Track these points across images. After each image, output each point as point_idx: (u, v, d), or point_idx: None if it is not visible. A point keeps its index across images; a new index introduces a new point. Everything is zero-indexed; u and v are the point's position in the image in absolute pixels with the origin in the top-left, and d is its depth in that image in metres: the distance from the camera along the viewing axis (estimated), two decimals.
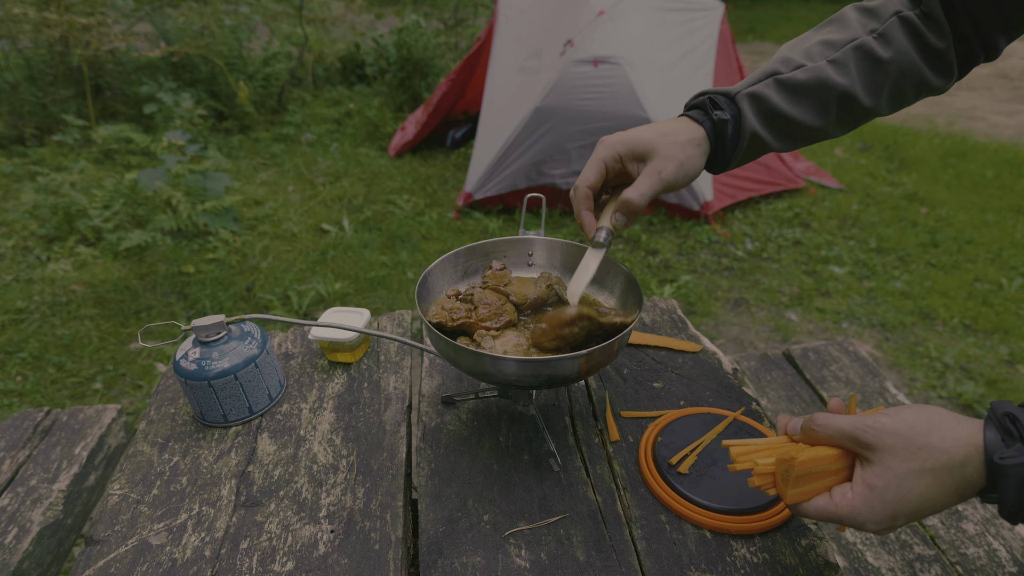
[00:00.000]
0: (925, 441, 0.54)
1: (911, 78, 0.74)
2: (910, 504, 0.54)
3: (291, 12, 5.58)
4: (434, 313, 0.84)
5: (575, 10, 3.46)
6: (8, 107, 4.36)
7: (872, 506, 0.56)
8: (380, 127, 4.86)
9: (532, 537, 0.74)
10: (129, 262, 3.06)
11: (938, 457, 0.53)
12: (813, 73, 0.73)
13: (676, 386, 0.98)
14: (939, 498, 0.54)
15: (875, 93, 0.75)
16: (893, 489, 0.54)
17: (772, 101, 0.73)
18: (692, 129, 0.73)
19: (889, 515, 0.55)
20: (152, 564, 0.72)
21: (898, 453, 0.55)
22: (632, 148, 0.73)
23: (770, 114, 0.74)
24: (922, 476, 0.54)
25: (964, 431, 0.54)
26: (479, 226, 3.47)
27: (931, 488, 0.54)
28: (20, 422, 1.27)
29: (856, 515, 0.56)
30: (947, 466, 0.53)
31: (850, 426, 0.57)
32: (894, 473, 0.54)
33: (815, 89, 0.73)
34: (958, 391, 2.30)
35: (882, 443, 0.55)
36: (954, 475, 0.53)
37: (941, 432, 0.54)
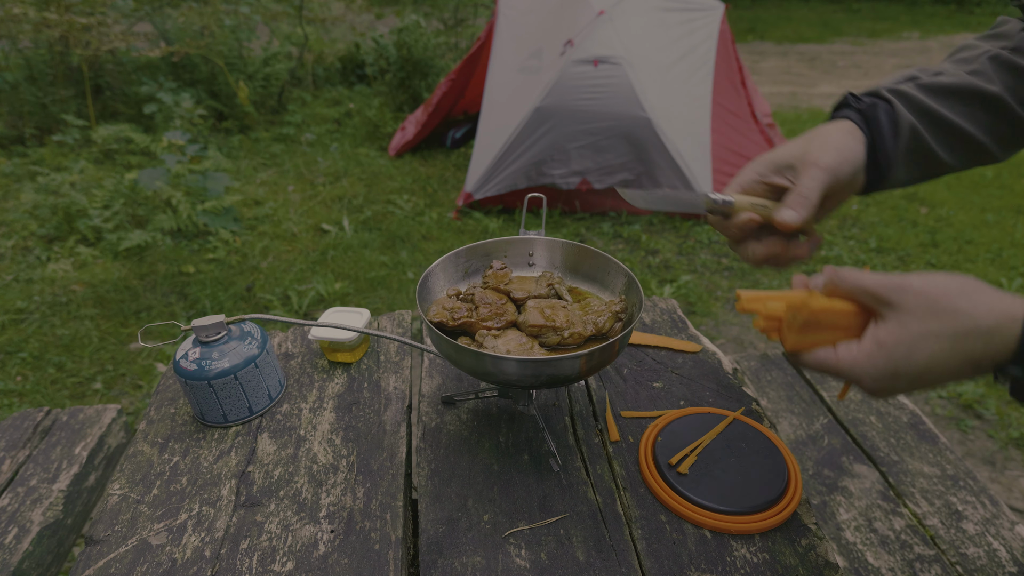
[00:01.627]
0: (952, 305, 0.49)
1: None
2: (916, 365, 0.50)
3: (291, 12, 5.58)
4: (435, 313, 0.84)
5: (575, 10, 3.46)
6: (8, 107, 4.36)
7: (875, 362, 0.52)
8: (380, 127, 4.86)
9: (532, 537, 0.74)
10: (129, 262, 3.06)
11: (963, 321, 0.49)
12: (956, 78, 0.67)
13: (676, 386, 0.98)
14: (950, 364, 0.50)
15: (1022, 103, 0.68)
16: (903, 348, 0.50)
17: (920, 99, 0.67)
18: (837, 123, 0.67)
19: (890, 373, 0.52)
20: (152, 564, 0.72)
21: (918, 313, 0.50)
22: (772, 161, 0.67)
23: (923, 111, 0.67)
24: (939, 340, 0.49)
25: (1002, 301, 0.49)
26: (479, 226, 3.47)
27: (944, 353, 0.49)
28: (20, 422, 1.27)
29: (855, 368, 0.53)
30: (971, 331, 0.48)
31: (874, 282, 0.53)
32: (908, 332, 0.50)
33: (963, 93, 0.67)
34: (958, 391, 2.30)
35: (903, 301, 0.51)
36: (976, 342, 0.48)
37: (974, 298, 0.49)
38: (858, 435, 1.29)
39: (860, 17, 10.32)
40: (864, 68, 7.30)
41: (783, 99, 6.04)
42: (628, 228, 3.47)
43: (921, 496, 1.15)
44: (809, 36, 8.90)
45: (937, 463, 1.22)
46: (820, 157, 0.64)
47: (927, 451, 1.25)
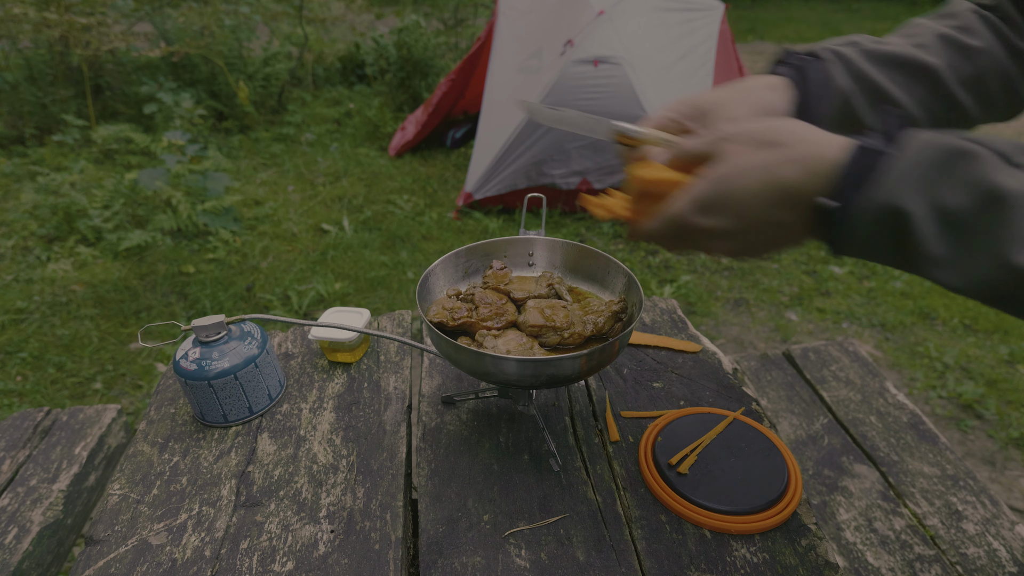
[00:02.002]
0: (774, 138, 0.49)
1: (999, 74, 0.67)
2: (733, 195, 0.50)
3: (291, 12, 5.58)
4: (435, 313, 0.84)
5: (575, 10, 3.46)
6: (8, 107, 4.36)
7: (694, 196, 0.52)
8: (380, 127, 4.86)
9: (532, 537, 0.74)
10: (129, 262, 3.06)
11: (781, 152, 0.48)
12: (898, 47, 0.66)
13: (676, 386, 0.98)
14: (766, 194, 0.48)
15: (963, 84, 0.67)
16: (722, 178, 0.50)
17: (858, 63, 0.65)
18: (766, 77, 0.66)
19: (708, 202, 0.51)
20: (152, 564, 0.72)
21: (740, 150, 0.50)
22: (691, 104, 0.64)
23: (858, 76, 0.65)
24: (757, 170, 0.49)
25: (825, 135, 0.48)
26: (479, 226, 3.47)
27: (760, 183, 0.48)
28: (20, 422, 1.27)
29: (680, 205, 0.52)
30: (788, 159, 0.48)
31: (705, 138, 0.53)
32: (728, 165, 0.50)
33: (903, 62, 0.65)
34: (958, 391, 2.30)
35: (730, 137, 0.51)
36: (789, 170, 0.47)
37: (796, 132, 0.49)
38: (858, 435, 1.29)
39: (860, 17, 10.32)
40: None
41: None
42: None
43: (921, 496, 1.15)
44: (809, 36, 8.90)
45: (937, 463, 1.22)
46: (734, 111, 0.62)
47: (927, 451, 1.25)
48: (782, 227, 0.50)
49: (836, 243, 0.47)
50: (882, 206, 0.43)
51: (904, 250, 0.44)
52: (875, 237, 0.45)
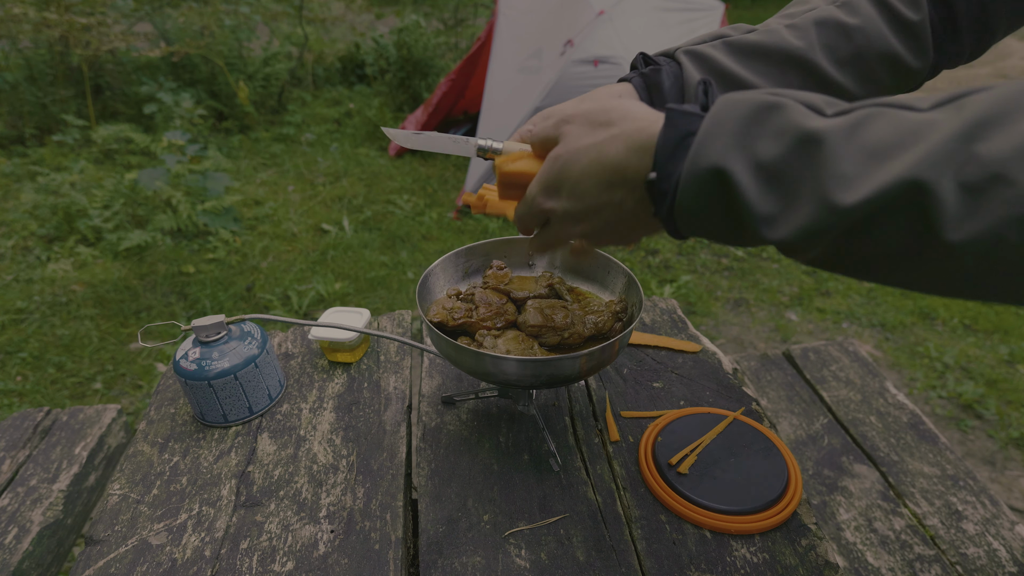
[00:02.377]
0: (607, 118, 0.51)
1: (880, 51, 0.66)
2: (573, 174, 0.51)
3: (291, 12, 5.58)
4: (435, 313, 0.84)
5: (575, 10, 3.46)
6: (8, 107, 4.36)
7: (540, 179, 0.54)
8: (380, 127, 4.85)
9: (532, 537, 0.74)
10: (129, 262, 3.06)
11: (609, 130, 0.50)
12: (766, 35, 0.66)
13: (676, 386, 0.98)
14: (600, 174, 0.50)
15: (840, 64, 0.66)
16: (564, 158, 0.52)
17: (718, 60, 0.65)
18: (616, 86, 0.66)
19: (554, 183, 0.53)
20: (152, 564, 0.72)
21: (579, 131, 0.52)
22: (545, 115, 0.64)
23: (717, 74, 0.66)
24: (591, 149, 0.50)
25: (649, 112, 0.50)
26: (479, 226, 3.47)
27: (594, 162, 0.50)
28: (20, 422, 1.27)
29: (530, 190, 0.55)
30: (613, 138, 0.49)
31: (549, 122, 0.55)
32: (569, 146, 0.52)
33: (769, 51, 0.66)
34: (958, 391, 2.30)
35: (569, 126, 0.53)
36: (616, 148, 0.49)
37: (624, 110, 0.51)
38: (858, 435, 1.29)
39: None
40: None
41: None
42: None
43: (921, 496, 1.15)
44: None
45: (937, 463, 1.22)
46: None
47: (927, 451, 1.25)
48: (621, 208, 0.50)
49: (669, 221, 0.47)
50: (703, 169, 0.43)
51: (732, 213, 0.43)
52: (702, 204, 0.44)
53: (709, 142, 0.42)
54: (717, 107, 0.43)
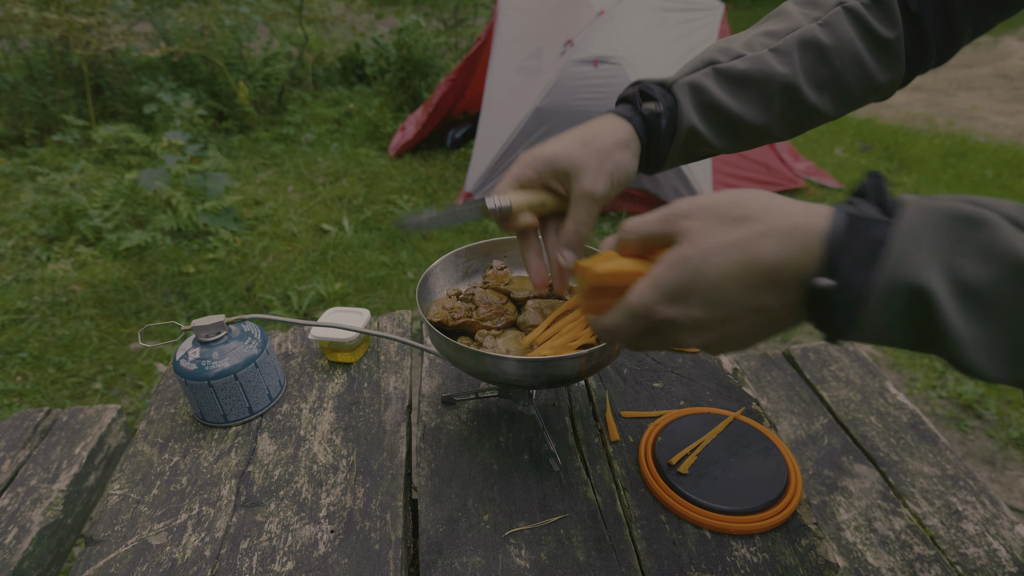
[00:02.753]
0: (744, 212, 0.43)
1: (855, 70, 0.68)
2: (707, 282, 0.43)
3: (291, 12, 5.58)
4: (435, 312, 0.84)
5: (575, 10, 3.46)
6: (8, 107, 4.36)
7: (660, 283, 0.45)
8: (380, 127, 4.86)
9: (532, 537, 0.74)
10: (129, 262, 3.06)
11: (755, 226, 0.42)
12: (754, 63, 0.66)
13: (676, 386, 0.98)
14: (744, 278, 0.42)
15: (819, 87, 0.68)
16: (693, 262, 0.43)
17: (711, 92, 0.66)
18: (618, 128, 0.65)
19: (680, 292, 0.44)
20: (152, 564, 0.72)
21: (707, 229, 0.44)
22: (551, 164, 0.64)
23: (710, 107, 0.66)
24: (730, 249, 0.42)
25: (802, 205, 0.43)
26: (479, 226, 3.47)
27: (737, 264, 0.42)
28: (20, 422, 1.27)
29: (644, 299, 0.45)
30: (765, 233, 0.42)
31: (653, 220, 0.47)
32: (697, 247, 0.44)
33: (757, 80, 0.66)
34: (958, 391, 2.30)
35: (689, 227, 0.45)
36: (772, 245, 0.41)
37: (769, 203, 0.43)
38: (858, 435, 1.29)
39: None
40: None
41: None
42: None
43: (921, 496, 1.15)
44: None
45: (937, 463, 1.22)
46: (595, 185, 0.63)
47: (927, 451, 1.25)
48: (765, 313, 0.44)
49: (836, 327, 0.42)
50: (896, 284, 0.38)
51: (926, 332, 0.39)
52: (888, 319, 0.39)
53: (908, 256, 0.38)
54: (910, 216, 0.39)
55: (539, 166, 0.65)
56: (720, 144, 0.69)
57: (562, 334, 0.76)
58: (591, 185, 0.63)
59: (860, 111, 5.67)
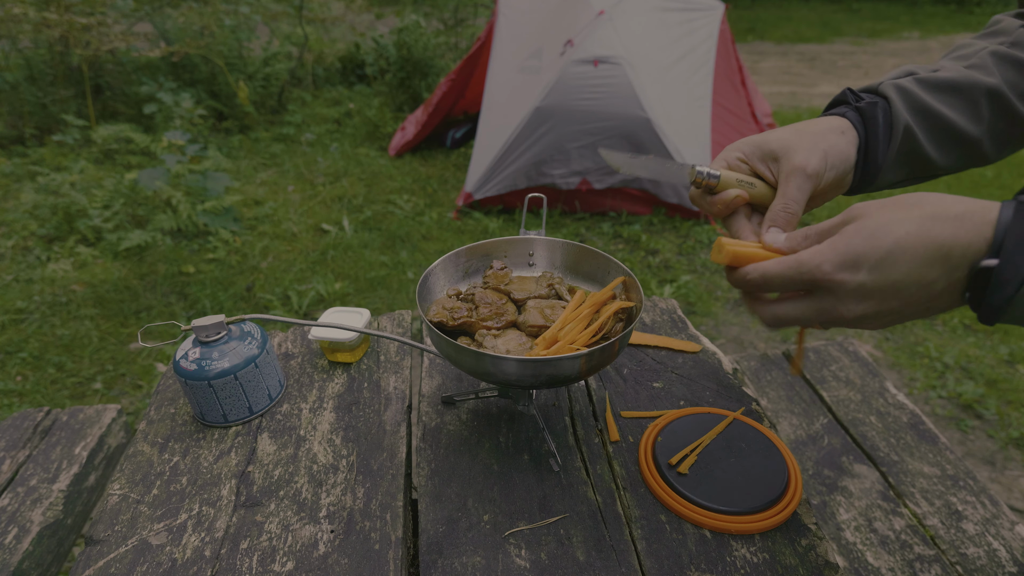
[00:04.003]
0: (919, 200, 0.47)
1: None
2: (881, 246, 0.46)
3: (291, 12, 5.58)
4: (435, 312, 0.84)
5: (575, 10, 3.46)
6: (8, 107, 4.36)
7: (836, 247, 0.48)
8: (380, 127, 4.86)
9: (532, 537, 0.74)
10: (129, 262, 3.06)
11: (929, 208, 0.46)
12: (955, 72, 0.65)
13: (676, 386, 0.98)
14: (918, 250, 0.45)
15: (1021, 98, 0.67)
16: (866, 234, 0.47)
17: (919, 95, 0.64)
18: (832, 119, 0.65)
19: (852, 259, 0.47)
20: (152, 564, 0.72)
21: (883, 209, 0.48)
22: (760, 145, 0.63)
23: (920, 109, 0.64)
24: (905, 223, 0.46)
25: (972, 199, 0.46)
26: (479, 226, 3.47)
27: (911, 237, 0.45)
28: (20, 422, 1.27)
29: (816, 258, 0.48)
30: (939, 215, 0.45)
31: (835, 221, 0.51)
32: (872, 221, 0.47)
33: (962, 86, 0.65)
34: (958, 391, 2.30)
35: (867, 206, 0.49)
36: (945, 226, 0.45)
37: (942, 197, 0.47)
38: (858, 435, 1.29)
39: (860, 17, 10.32)
40: (864, 68, 7.30)
41: (783, 99, 6.04)
42: (628, 228, 3.47)
43: (921, 496, 1.15)
44: (809, 36, 8.90)
45: (937, 463, 1.22)
46: (808, 161, 0.60)
47: (927, 451, 1.25)
48: (929, 288, 0.46)
49: (993, 308, 0.44)
50: None
51: None
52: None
53: None
54: None
55: (747, 148, 0.64)
56: (935, 153, 0.67)
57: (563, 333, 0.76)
58: (803, 160, 0.60)
59: None
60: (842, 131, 0.63)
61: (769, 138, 0.63)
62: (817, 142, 0.62)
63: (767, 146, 0.63)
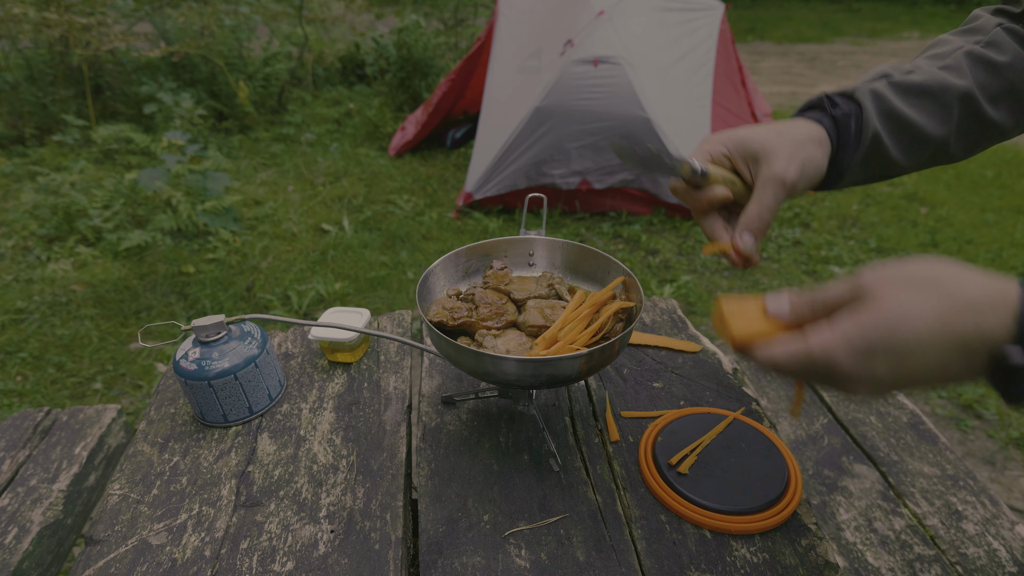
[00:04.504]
0: (936, 280, 0.44)
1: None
2: (899, 344, 0.44)
3: (291, 12, 5.58)
4: (435, 312, 0.84)
5: (575, 10, 3.46)
6: (8, 107, 4.36)
7: (853, 344, 0.45)
8: (380, 127, 4.86)
9: (532, 537, 0.74)
10: (129, 262, 3.06)
11: (950, 298, 0.43)
12: (929, 76, 0.66)
13: (676, 386, 0.98)
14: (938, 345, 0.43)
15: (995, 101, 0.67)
16: (885, 324, 0.44)
17: (890, 100, 0.65)
18: (811, 127, 0.65)
19: (868, 352, 0.45)
20: (152, 564, 0.72)
21: (899, 292, 0.45)
22: (743, 144, 0.64)
23: (890, 114, 0.65)
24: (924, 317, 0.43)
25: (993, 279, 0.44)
26: (479, 226, 3.47)
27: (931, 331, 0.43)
28: (20, 422, 1.27)
29: (830, 355, 0.46)
30: (961, 307, 0.43)
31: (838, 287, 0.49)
32: (889, 309, 0.45)
33: (933, 90, 0.66)
34: (958, 391, 2.30)
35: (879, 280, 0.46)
36: (967, 318, 0.43)
37: (960, 275, 0.44)
38: (858, 435, 1.29)
39: (860, 17, 10.32)
40: (864, 68, 7.30)
41: (783, 99, 6.04)
42: (628, 228, 3.47)
43: (921, 496, 1.15)
44: (809, 36, 8.90)
45: (937, 463, 1.22)
46: (787, 171, 0.61)
47: (927, 451, 1.25)
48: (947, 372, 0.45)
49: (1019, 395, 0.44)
50: None
51: None
52: None
53: None
54: None
55: (730, 144, 0.64)
56: (899, 156, 0.68)
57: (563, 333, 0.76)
58: (783, 169, 0.61)
59: None
60: (819, 142, 0.64)
61: (751, 137, 0.63)
62: (796, 151, 0.62)
63: (748, 146, 0.63)
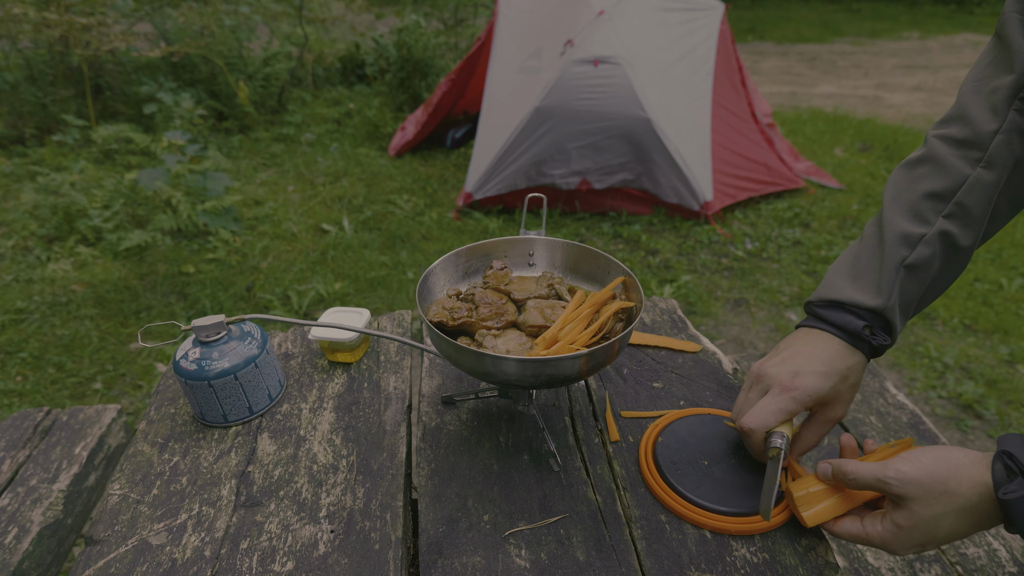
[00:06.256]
0: (944, 488, 0.61)
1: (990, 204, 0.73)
2: (936, 538, 0.63)
3: (291, 12, 5.58)
4: (435, 312, 0.84)
5: (575, 10, 3.46)
6: (8, 107, 4.36)
7: (901, 540, 0.64)
8: (380, 127, 4.86)
9: (532, 537, 0.74)
10: (129, 262, 3.07)
11: (957, 500, 0.61)
12: (936, 244, 0.73)
13: (676, 386, 0.98)
14: (962, 530, 0.62)
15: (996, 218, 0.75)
16: (920, 529, 0.63)
17: (911, 294, 0.75)
18: (860, 364, 0.76)
19: (917, 545, 0.64)
20: (152, 564, 0.72)
21: (922, 500, 0.62)
22: (818, 399, 0.74)
23: (910, 307, 0.77)
24: (945, 518, 0.61)
25: (976, 473, 0.60)
26: (479, 226, 3.47)
27: (954, 526, 0.62)
28: (20, 422, 1.27)
29: (887, 545, 0.65)
30: (965, 507, 0.61)
31: (874, 476, 0.65)
32: (920, 517, 0.62)
33: (944, 256, 0.74)
34: (958, 391, 2.30)
35: (906, 492, 0.63)
36: (972, 514, 0.61)
37: (958, 477, 0.61)
38: (858, 435, 1.29)
39: (860, 17, 10.33)
40: (864, 68, 7.30)
41: (783, 99, 6.04)
42: (628, 228, 3.47)
43: None
44: (809, 36, 8.90)
45: None
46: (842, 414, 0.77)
47: None
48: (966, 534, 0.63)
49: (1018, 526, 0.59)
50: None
51: None
52: None
53: None
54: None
55: (809, 403, 0.74)
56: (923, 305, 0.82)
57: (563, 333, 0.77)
58: (840, 414, 0.77)
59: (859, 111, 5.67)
60: (862, 369, 0.77)
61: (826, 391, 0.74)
62: (852, 394, 0.77)
63: (823, 399, 0.74)
